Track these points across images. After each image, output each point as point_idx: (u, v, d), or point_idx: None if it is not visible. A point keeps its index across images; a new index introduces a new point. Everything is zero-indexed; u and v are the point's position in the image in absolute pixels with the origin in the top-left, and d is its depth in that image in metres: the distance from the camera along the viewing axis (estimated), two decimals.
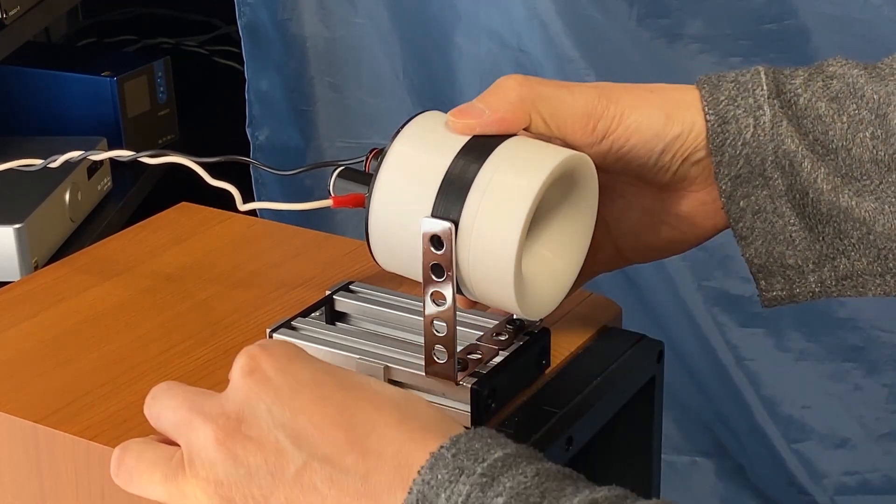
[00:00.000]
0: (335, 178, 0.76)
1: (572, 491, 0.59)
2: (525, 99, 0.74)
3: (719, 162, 0.77)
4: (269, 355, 0.65)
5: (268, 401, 0.63)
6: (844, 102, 0.77)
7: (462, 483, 0.59)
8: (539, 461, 0.61)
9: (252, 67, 1.68)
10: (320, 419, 0.62)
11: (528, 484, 0.59)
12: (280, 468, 0.62)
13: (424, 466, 0.60)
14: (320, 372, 0.65)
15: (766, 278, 0.79)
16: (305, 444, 0.62)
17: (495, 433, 0.63)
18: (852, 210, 0.76)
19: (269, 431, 0.63)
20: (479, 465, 0.60)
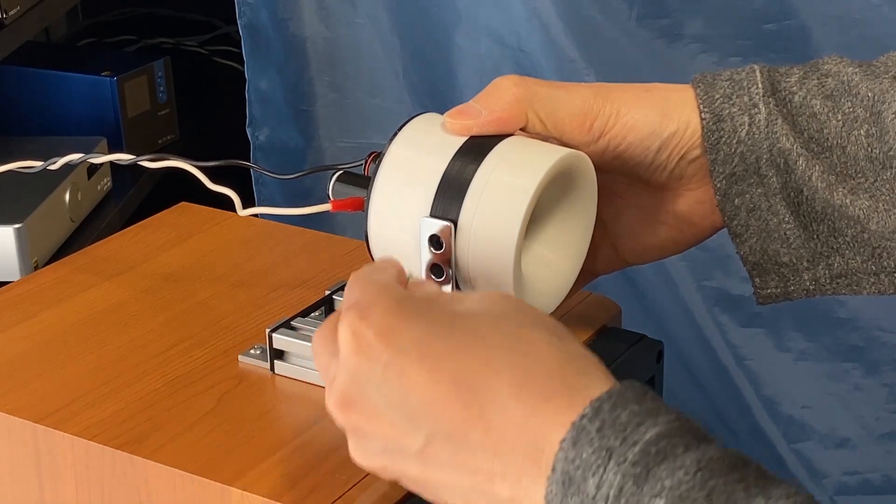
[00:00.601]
0: (334, 182, 0.76)
1: (743, 495, 0.53)
2: (521, 99, 0.74)
3: (714, 160, 0.77)
4: (369, 324, 0.60)
5: (376, 381, 0.60)
6: (839, 100, 0.77)
7: (612, 471, 0.54)
8: (697, 444, 0.55)
9: (252, 67, 1.68)
10: (433, 395, 0.58)
11: (689, 483, 0.53)
12: (403, 446, 0.60)
13: (566, 440, 0.56)
14: (426, 334, 0.60)
15: (760, 276, 0.79)
16: (423, 423, 0.59)
17: (640, 393, 0.57)
18: (846, 208, 0.76)
19: (385, 412, 0.60)
20: (630, 449, 0.55)
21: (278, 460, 0.70)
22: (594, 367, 0.59)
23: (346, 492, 0.67)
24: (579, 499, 0.55)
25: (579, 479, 0.55)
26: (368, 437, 0.61)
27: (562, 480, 0.55)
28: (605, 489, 0.54)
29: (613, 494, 0.54)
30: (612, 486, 0.54)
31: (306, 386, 0.76)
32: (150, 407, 0.75)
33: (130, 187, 1.66)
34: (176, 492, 0.69)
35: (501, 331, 0.60)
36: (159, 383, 0.77)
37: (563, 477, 0.55)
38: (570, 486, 0.55)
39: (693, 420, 0.56)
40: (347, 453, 0.70)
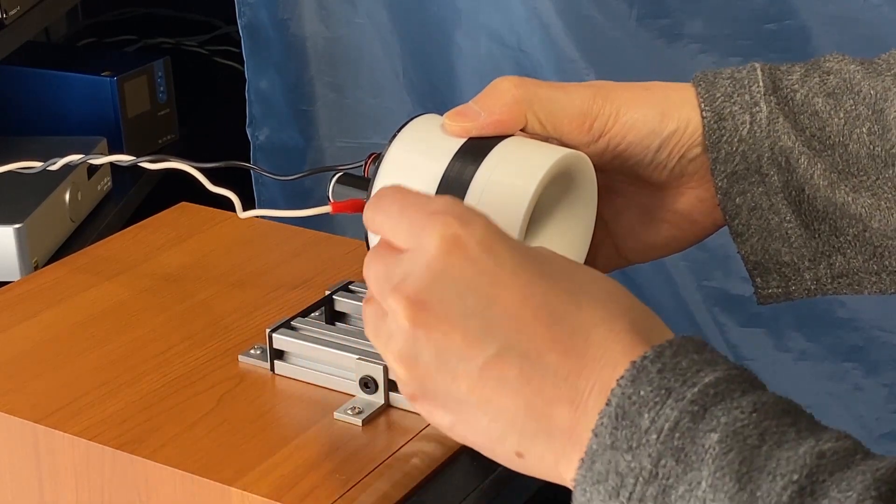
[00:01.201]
0: (334, 183, 0.76)
1: (794, 436, 0.55)
2: (521, 100, 0.74)
3: (715, 159, 0.77)
4: (471, 232, 0.60)
5: (463, 285, 0.60)
6: (841, 98, 0.77)
7: (669, 407, 0.56)
8: (754, 389, 0.57)
9: (252, 67, 1.68)
10: (519, 311, 0.59)
11: (745, 421, 0.55)
12: (467, 356, 0.59)
13: (624, 378, 0.57)
14: (522, 258, 0.60)
15: (761, 275, 0.79)
16: (499, 335, 0.59)
17: (700, 344, 0.59)
18: (848, 206, 0.76)
19: (459, 319, 0.59)
20: (689, 389, 0.56)
21: (278, 460, 0.70)
22: (658, 321, 0.61)
23: (345, 492, 0.67)
24: (630, 431, 0.56)
25: (633, 414, 0.56)
26: (430, 340, 0.60)
27: (615, 414, 0.57)
28: (661, 423, 0.56)
29: (668, 428, 0.55)
30: (668, 420, 0.56)
31: (306, 386, 0.76)
32: (150, 407, 0.75)
33: (130, 187, 1.66)
34: (176, 492, 0.69)
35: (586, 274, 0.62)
36: (159, 383, 0.77)
37: (617, 410, 0.57)
38: (622, 419, 0.56)
39: (749, 371, 0.58)
40: (347, 453, 0.70)
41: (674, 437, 0.55)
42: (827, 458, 0.54)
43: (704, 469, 0.54)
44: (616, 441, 0.56)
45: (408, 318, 0.60)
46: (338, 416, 0.73)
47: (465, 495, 0.70)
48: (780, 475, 0.53)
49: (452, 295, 0.60)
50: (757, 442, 0.54)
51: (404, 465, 0.70)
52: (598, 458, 0.57)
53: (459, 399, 0.60)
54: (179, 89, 1.84)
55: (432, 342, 0.60)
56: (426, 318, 0.60)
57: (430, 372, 0.61)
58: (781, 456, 0.54)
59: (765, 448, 0.54)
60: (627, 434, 0.56)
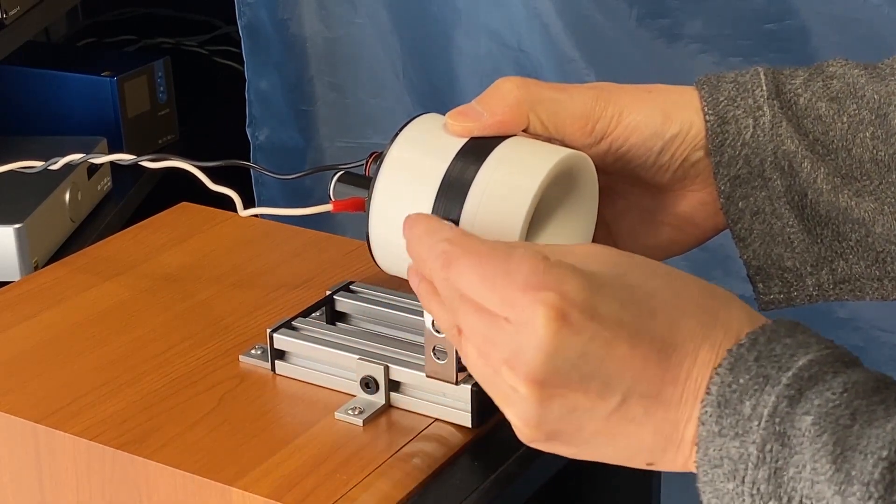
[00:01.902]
0: (335, 182, 0.76)
1: (883, 413, 0.57)
2: (523, 102, 0.74)
3: (718, 162, 0.77)
4: (573, 305, 0.61)
5: (576, 354, 0.61)
6: (845, 102, 0.77)
7: (767, 394, 0.59)
8: (845, 369, 0.60)
9: (252, 67, 1.68)
10: (631, 361, 0.61)
11: (836, 402, 0.58)
12: (594, 407, 0.62)
13: (722, 366, 0.60)
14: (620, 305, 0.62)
15: (763, 281, 0.79)
16: (620, 385, 0.61)
17: (791, 327, 0.62)
18: (852, 210, 0.76)
19: (581, 383, 0.61)
20: (784, 374, 0.59)
21: (279, 460, 0.70)
22: (744, 307, 0.64)
23: (346, 492, 0.67)
24: (735, 419, 0.59)
25: (735, 401, 0.59)
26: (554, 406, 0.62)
27: (717, 402, 0.60)
28: (760, 409, 0.59)
29: (768, 413, 0.58)
30: (767, 405, 0.58)
31: (307, 386, 0.76)
32: (150, 407, 0.75)
33: (130, 187, 1.66)
34: (176, 492, 0.69)
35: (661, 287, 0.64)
36: (160, 383, 0.77)
37: (718, 399, 0.60)
38: (725, 407, 0.59)
39: (841, 348, 0.61)
40: (348, 453, 0.70)
41: (774, 423, 0.58)
42: None
43: (805, 452, 0.57)
44: (723, 429, 0.59)
45: (531, 395, 0.62)
46: (338, 416, 0.73)
47: (466, 495, 0.70)
48: (871, 453, 0.56)
49: (568, 367, 0.62)
50: (849, 422, 0.57)
51: (405, 465, 0.70)
52: (709, 444, 0.60)
53: (585, 438, 0.63)
54: (179, 89, 1.84)
55: (557, 406, 0.63)
56: (549, 392, 0.62)
57: (554, 427, 0.63)
58: (871, 434, 0.56)
59: (856, 427, 0.57)
60: (732, 421, 0.59)
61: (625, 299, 0.62)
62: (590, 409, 0.62)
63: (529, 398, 0.62)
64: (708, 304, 0.63)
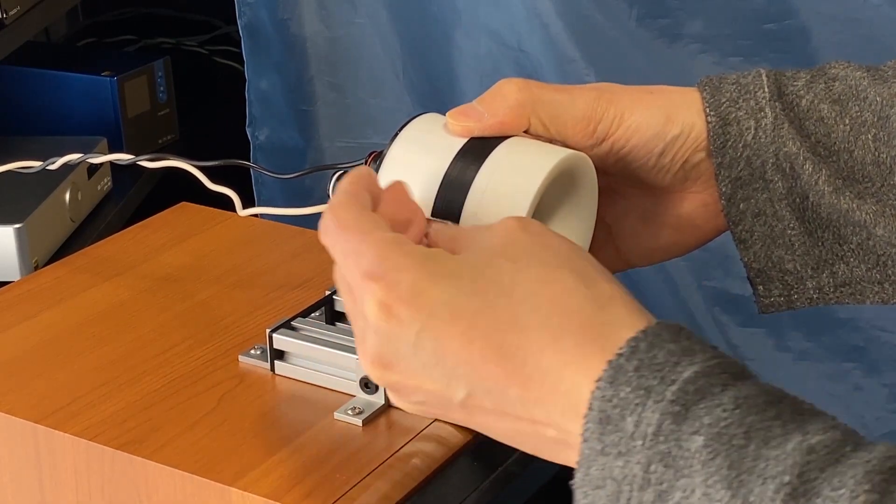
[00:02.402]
0: (334, 182, 0.76)
1: (780, 431, 0.54)
2: (524, 103, 0.74)
3: (720, 164, 0.77)
4: (397, 295, 0.61)
5: (410, 345, 0.61)
6: (847, 104, 0.77)
7: (650, 409, 0.55)
8: (734, 382, 0.56)
9: (252, 67, 1.68)
10: (468, 355, 0.60)
11: (728, 420, 0.54)
12: (446, 398, 0.62)
13: (602, 379, 0.57)
14: (454, 296, 0.61)
15: (764, 283, 0.79)
16: (464, 380, 0.60)
17: (674, 331, 0.58)
18: (853, 213, 0.76)
19: (423, 371, 0.61)
20: (668, 387, 0.55)
21: (278, 461, 0.70)
22: (625, 308, 0.60)
23: (346, 492, 0.67)
24: (617, 436, 0.56)
25: (617, 418, 0.56)
26: (409, 391, 0.63)
27: (598, 418, 0.56)
28: (644, 427, 0.55)
29: (652, 432, 0.55)
30: (651, 424, 0.55)
31: (307, 386, 0.76)
32: (150, 407, 0.75)
33: (130, 187, 1.66)
34: (176, 492, 0.69)
35: (525, 280, 0.61)
36: (159, 383, 0.77)
37: (599, 415, 0.56)
38: (607, 424, 0.56)
39: (730, 357, 0.57)
40: (347, 453, 0.70)
41: (658, 442, 0.55)
42: (816, 454, 0.53)
43: (696, 476, 0.54)
44: (605, 447, 0.56)
45: (379, 379, 0.64)
46: (338, 417, 0.73)
47: (466, 495, 0.70)
48: (771, 477, 0.52)
49: (407, 354, 0.61)
50: (743, 441, 0.54)
51: (405, 466, 0.70)
52: (592, 463, 0.57)
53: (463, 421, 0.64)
54: (179, 89, 1.84)
55: (411, 393, 0.63)
56: (395, 377, 0.63)
57: (427, 410, 0.64)
58: (770, 455, 0.53)
59: (752, 448, 0.53)
60: (615, 439, 0.56)
61: (469, 292, 0.61)
62: (442, 401, 0.62)
63: (383, 383, 0.64)
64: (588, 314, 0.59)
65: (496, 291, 0.61)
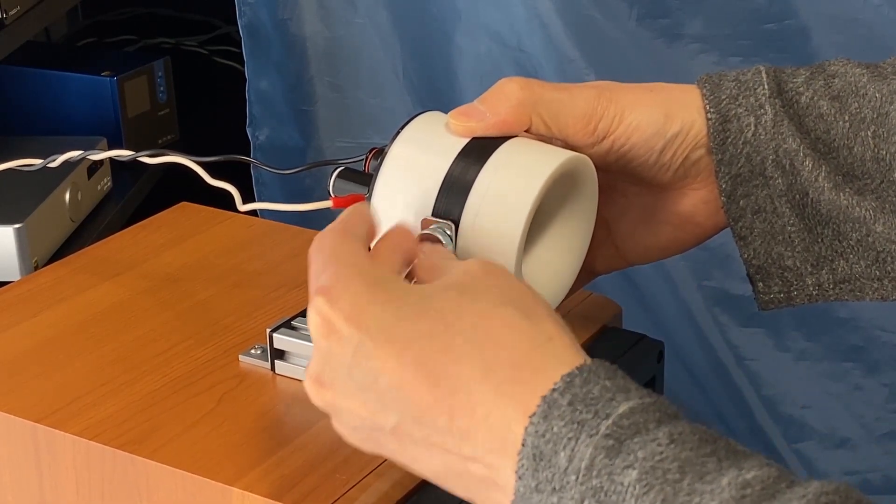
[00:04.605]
0: (335, 178, 0.76)
1: (715, 466, 0.53)
2: (526, 102, 0.74)
3: (720, 160, 0.77)
4: (338, 310, 0.61)
5: (347, 364, 0.61)
6: (846, 101, 0.77)
7: (584, 444, 0.54)
8: (669, 418, 0.55)
9: (252, 67, 1.68)
10: (399, 380, 0.59)
11: (663, 455, 0.53)
12: (377, 424, 0.61)
13: (536, 414, 0.56)
14: (394, 318, 0.60)
15: (763, 280, 0.79)
16: (393, 405, 0.60)
17: (609, 370, 0.57)
18: (852, 209, 0.76)
19: (357, 394, 0.61)
20: (602, 421, 0.55)
21: (279, 460, 0.70)
22: (564, 348, 0.59)
23: (346, 492, 0.67)
24: (551, 472, 0.55)
25: (550, 453, 0.55)
26: (344, 413, 0.62)
27: (532, 454, 0.56)
28: (577, 462, 0.54)
29: (585, 466, 0.54)
30: (584, 458, 0.54)
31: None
32: (150, 407, 0.75)
33: (130, 187, 1.66)
34: (176, 492, 0.69)
35: (468, 313, 0.60)
36: (160, 383, 0.77)
37: (533, 451, 0.56)
38: (540, 460, 0.55)
39: (663, 398, 0.57)
40: (347, 453, 0.70)
41: (591, 476, 0.54)
42: (751, 488, 0.52)
43: None
44: (539, 483, 0.56)
45: (315, 398, 0.63)
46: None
47: None
48: None
49: (343, 373, 0.61)
50: (678, 476, 0.53)
51: None
52: (528, 501, 0.56)
53: (398, 457, 0.62)
54: (179, 89, 1.84)
55: (345, 416, 0.62)
56: (330, 396, 0.62)
57: (363, 438, 0.63)
58: (704, 490, 0.52)
59: (686, 482, 0.53)
60: (549, 475, 0.55)
61: (409, 317, 0.60)
62: (374, 426, 0.61)
63: (315, 398, 0.63)
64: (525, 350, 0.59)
65: (436, 319, 0.60)
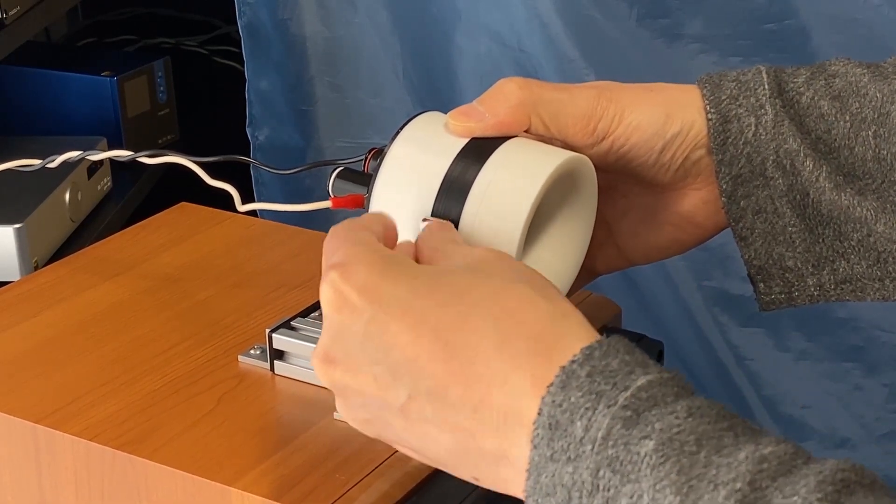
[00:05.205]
0: (334, 178, 0.76)
1: (732, 441, 0.53)
2: (525, 103, 0.74)
3: (720, 161, 0.77)
4: (353, 283, 0.61)
5: (359, 337, 0.61)
6: (847, 101, 0.77)
7: (601, 414, 0.54)
8: (687, 393, 0.55)
9: (252, 67, 1.68)
10: (413, 351, 0.59)
11: (680, 427, 0.53)
12: (387, 401, 0.60)
13: (554, 384, 0.56)
14: (408, 291, 0.60)
15: (764, 280, 0.79)
16: (406, 379, 0.59)
17: (629, 345, 0.57)
18: (853, 209, 0.76)
19: (367, 367, 0.60)
20: (621, 393, 0.55)
21: (278, 461, 0.70)
22: (580, 325, 0.59)
23: (346, 492, 0.67)
24: (566, 441, 0.55)
25: (566, 422, 0.55)
26: (352, 392, 0.62)
27: (548, 423, 0.56)
28: (594, 431, 0.54)
29: (602, 436, 0.54)
30: (601, 428, 0.54)
31: (306, 386, 0.76)
32: (150, 407, 0.75)
33: (130, 187, 1.66)
34: (176, 492, 0.69)
35: (484, 287, 0.60)
36: (159, 383, 0.77)
37: (549, 420, 0.56)
38: (556, 430, 0.55)
39: (682, 375, 0.57)
40: (347, 453, 0.70)
41: (607, 446, 0.54)
42: (768, 463, 0.52)
43: (644, 481, 0.53)
44: (555, 453, 0.55)
45: (324, 376, 0.63)
46: (338, 417, 0.73)
47: (466, 495, 0.70)
48: (723, 483, 0.52)
49: (355, 348, 0.61)
50: (695, 448, 0.53)
51: (405, 465, 0.70)
52: (542, 470, 0.56)
53: (404, 437, 0.62)
54: (179, 89, 1.84)
55: (353, 394, 0.62)
56: (339, 373, 0.62)
57: (368, 419, 0.63)
58: (721, 463, 0.52)
59: (703, 454, 0.53)
60: (564, 445, 0.55)
61: (423, 292, 0.60)
62: (383, 402, 0.60)
63: (326, 382, 0.63)
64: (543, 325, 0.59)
65: (450, 293, 0.60)
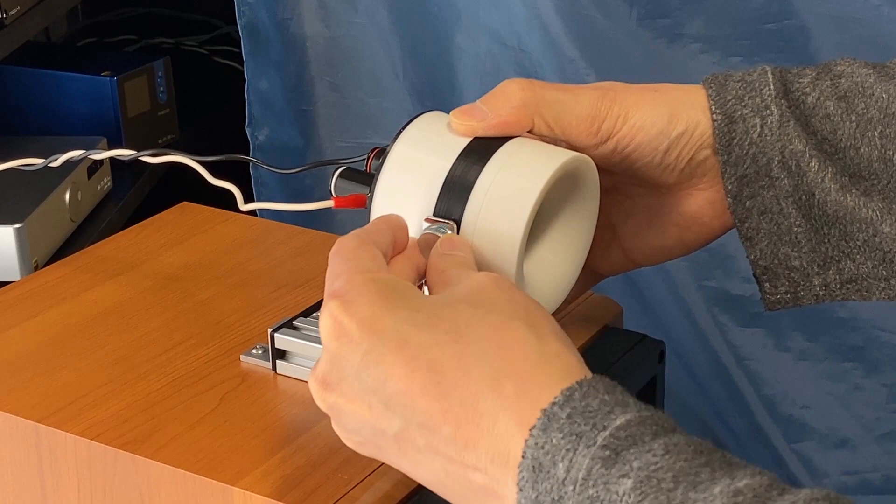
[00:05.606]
0: (336, 178, 0.76)
1: (708, 476, 0.54)
2: (528, 103, 0.74)
3: (726, 161, 0.77)
4: (351, 314, 0.62)
5: (355, 366, 0.62)
6: (853, 101, 0.77)
7: (581, 455, 0.56)
8: (665, 431, 0.57)
9: (252, 67, 1.68)
10: (408, 386, 0.60)
11: (658, 465, 0.55)
12: (380, 429, 0.62)
13: (536, 427, 0.57)
14: (408, 324, 0.62)
15: (770, 280, 0.79)
16: (399, 410, 0.61)
17: (609, 384, 0.59)
18: (859, 210, 0.76)
19: (363, 397, 0.62)
20: (600, 433, 0.56)
21: (280, 460, 0.70)
22: (568, 365, 0.61)
23: (348, 492, 0.67)
24: (549, 483, 0.56)
25: (549, 465, 0.56)
26: (346, 416, 0.63)
27: (532, 466, 0.57)
28: (574, 472, 0.56)
29: (582, 477, 0.55)
30: (581, 468, 0.55)
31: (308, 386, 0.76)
32: (151, 407, 0.75)
33: (131, 187, 1.66)
34: (178, 492, 0.69)
35: (482, 326, 0.61)
36: (161, 383, 0.77)
37: (532, 463, 0.57)
38: (539, 472, 0.57)
39: (660, 412, 0.58)
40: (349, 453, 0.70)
41: (588, 486, 0.55)
42: (743, 496, 0.53)
43: None
44: (539, 495, 0.57)
45: (320, 400, 0.64)
46: None
47: None
48: None
49: (350, 376, 0.62)
50: (672, 485, 0.54)
51: None
52: None
53: (397, 462, 0.63)
54: (179, 89, 1.84)
55: (347, 418, 0.63)
56: (335, 398, 0.63)
57: (362, 442, 0.64)
58: (697, 498, 0.53)
59: (679, 491, 0.54)
60: (548, 486, 0.56)
61: (421, 326, 0.61)
62: (377, 430, 0.62)
63: (319, 399, 0.64)
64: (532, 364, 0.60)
65: (448, 330, 0.61)
